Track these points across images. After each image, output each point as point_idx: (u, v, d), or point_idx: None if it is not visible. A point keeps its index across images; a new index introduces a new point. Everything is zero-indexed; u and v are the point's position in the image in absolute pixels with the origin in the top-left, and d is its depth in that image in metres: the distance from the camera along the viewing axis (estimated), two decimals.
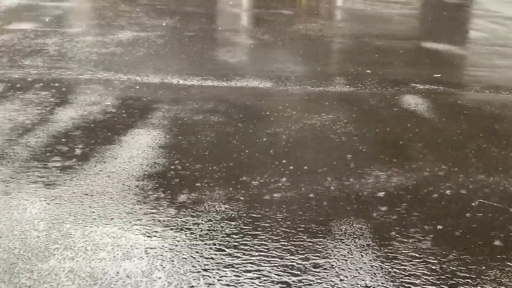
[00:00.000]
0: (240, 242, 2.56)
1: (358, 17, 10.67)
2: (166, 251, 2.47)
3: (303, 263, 2.43)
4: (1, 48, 6.38)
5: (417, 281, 2.34)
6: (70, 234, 2.57)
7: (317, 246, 2.55)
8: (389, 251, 2.54)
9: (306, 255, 2.49)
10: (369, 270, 2.40)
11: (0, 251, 2.42)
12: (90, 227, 2.63)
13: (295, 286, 2.28)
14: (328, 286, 2.29)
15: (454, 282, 2.35)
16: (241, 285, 2.27)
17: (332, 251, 2.52)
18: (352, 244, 2.58)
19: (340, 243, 2.59)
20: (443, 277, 2.38)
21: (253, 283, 2.29)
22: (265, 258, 2.45)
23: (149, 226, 2.66)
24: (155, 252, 2.46)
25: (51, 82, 5.04)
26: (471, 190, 3.18)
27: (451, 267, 2.44)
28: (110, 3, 10.55)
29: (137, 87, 4.99)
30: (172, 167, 3.34)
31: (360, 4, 13.03)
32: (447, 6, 13.05)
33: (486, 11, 12.46)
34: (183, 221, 2.72)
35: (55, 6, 10.20)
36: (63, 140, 3.69)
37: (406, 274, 2.39)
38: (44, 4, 10.38)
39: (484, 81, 5.71)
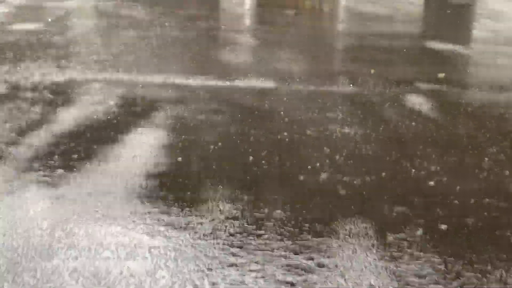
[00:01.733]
0: (244, 242, 2.55)
1: (361, 17, 10.65)
2: (170, 251, 2.46)
3: (307, 262, 2.42)
4: (4, 48, 6.39)
5: (423, 281, 2.33)
6: (74, 233, 2.56)
7: (322, 246, 2.54)
8: (394, 250, 2.52)
9: (310, 254, 2.47)
10: (373, 269, 2.39)
11: (4, 249, 2.41)
12: (94, 226, 2.63)
13: (300, 286, 2.27)
14: (333, 286, 2.28)
15: (459, 281, 2.34)
16: (246, 285, 2.26)
17: (337, 250, 2.51)
18: (357, 244, 2.57)
19: (344, 242, 2.57)
20: (448, 276, 2.37)
21: (257, 282, 2.28)
22: (269, 258, 2.44)
23: (153, 226, 2.65)
24: (159, 252, 2.45)
25: (55, 82, 5.03)
26: (475, 189, 3.16)
27: (456, 267, 2.43)
28: (112, 3, 10.56)
29: (140, 86, 4.99)
30: (176, 166, 3.33)
31: (363, 4, 13.02)
32: (451, 6, 13.02)
33: (490, 10, 12.43)
34: (187, 221, 2.71)
35: (58, 6, 10.21)
36: (66, 139, 3.69)
37: (412, 273, 2.38)
38: (47, 4, 10.38)
39: (488, 80, 5.69)
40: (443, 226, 2.74)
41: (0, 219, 2.66)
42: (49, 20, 8.50)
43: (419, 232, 2.69)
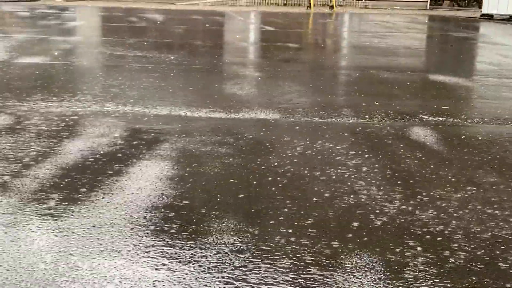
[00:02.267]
0: (249, 275, 2.52)
1: (365, 50, 10.74)
2: (174, 284, 2.43)
3: None
4: (11, 81, 6.45)
5: None
6: (78, 267, 2.54)
7: (328, 280, 2.51)
8: (402, 285, 2.49)
9: None
10: None
11: (7, 284, 2.39)
12: (98, 259, 2.61)
13: None
14: None
15: None
16: None
17: (343, 284, 2.48)
18: (363, 278, 2.53)
19: (351, 276, 2.54)
20: None
21: None
22: None
23: (157, 259, 2.63)
24: (163, 285, 2.42)
25: (60, 115, 5.06)
26: (482, 223, 3.14)
27: None
28: (118, 37, 10.68)
29: (145, 119, 5.01)
30: (180, 198, 3.31)
31: (366, 37, 13.14)
32: (453, 39, 13.13)
33: (492, 43, 12.53)
34: (191, 254, 2.68)
35: (63, 40, 10.33)
36: (71, 171, 3.69)
37: None
38: (53, 39, 10.51)
39: (492, 113, 5.70)
40: (451, 264, 2.71)
41: (3, 253, 2.64)
42: (55, 54, 8.58)
43: (427, 267, 2.65)
